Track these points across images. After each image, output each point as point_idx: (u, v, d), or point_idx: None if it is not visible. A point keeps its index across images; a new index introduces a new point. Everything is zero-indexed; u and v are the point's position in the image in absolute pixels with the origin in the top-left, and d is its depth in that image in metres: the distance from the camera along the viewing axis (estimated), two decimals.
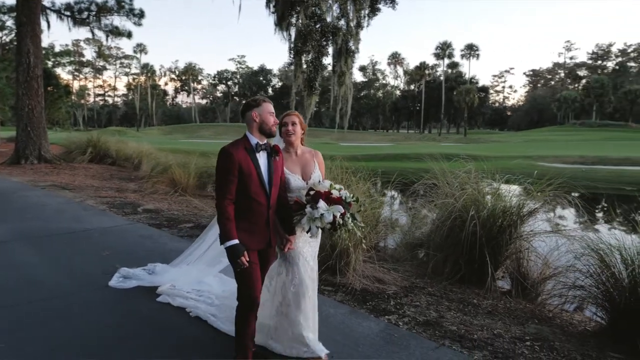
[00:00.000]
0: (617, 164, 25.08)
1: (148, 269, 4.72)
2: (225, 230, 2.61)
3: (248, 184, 2.68)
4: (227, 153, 2.65)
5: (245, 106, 2.83)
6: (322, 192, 2.81)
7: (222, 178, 2.65)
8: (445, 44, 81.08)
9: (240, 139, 2.80)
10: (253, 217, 2.74)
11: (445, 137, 70.55)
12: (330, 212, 2.74)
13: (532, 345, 3.51)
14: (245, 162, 2.68)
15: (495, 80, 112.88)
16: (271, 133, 2.80)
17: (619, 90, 76.12)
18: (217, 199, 2.67)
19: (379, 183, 6.45)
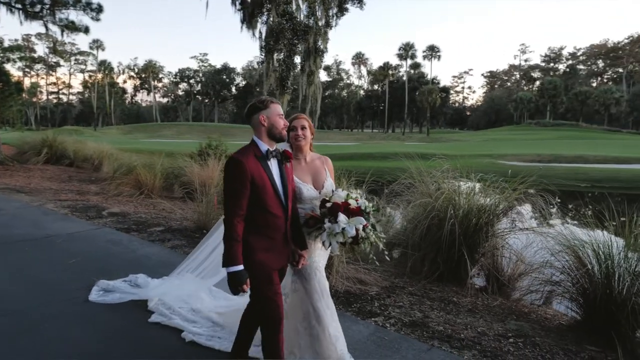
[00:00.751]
0: (571, 162, 26.27)
1: (129, 280, 4.40)
2: (232, 253, 2.34)
3: (262, 196, 2.41)
4: (237, 162, 2.36)
5: (251, 109, 2.56)
6: (340, 204, 2.56)
7: (233, 191, 2.36)
8: (408, 45, 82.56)
9: (248, 146, 2.51)
10: (271, 232, 2.47)
11: (409, 137, 71.88)
12: (352, 225, 2.50)
13: (516, 342, 3.57)
14: (258, 172, 2.41)
15: (455, 81, 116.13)
16: (282, 137, 2.55)
17: (570, 92, 80.00)
18: (226, 215, 2.37)
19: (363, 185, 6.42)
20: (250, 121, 2.58)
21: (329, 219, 2.54)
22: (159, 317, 3.64)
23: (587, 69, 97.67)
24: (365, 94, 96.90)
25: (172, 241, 6.26)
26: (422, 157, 7.84)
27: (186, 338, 3.32)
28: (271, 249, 2.47)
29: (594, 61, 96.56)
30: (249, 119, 2.58)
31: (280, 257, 2.53)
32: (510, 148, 35.48)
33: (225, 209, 2.39)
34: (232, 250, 2.34)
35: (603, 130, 68.75)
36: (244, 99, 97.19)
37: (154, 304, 3.82)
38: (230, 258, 2.34)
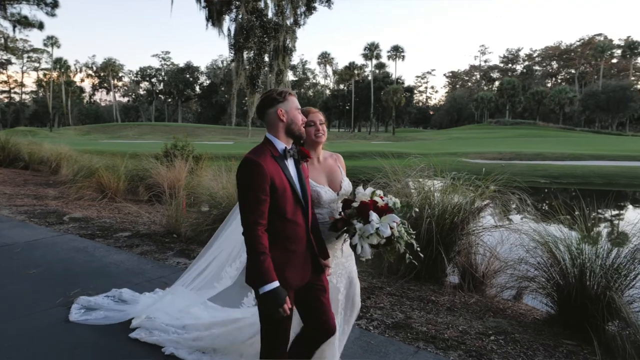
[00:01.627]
0: (531, 159, 27.26)
1: (112, 295, 4.03)
2: (262, 270, 1.97)
3: (282, 202, 2.09)
4: (254, 164, 2.03)
5: (267, 101, 2.20)
6: (368, 203, 2.30)
7: (251, 198, 2.02)
8: (372, 45, 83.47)
9: (264, 145, 2.17)
10: (291, 243, 2.13)
11: (375, 136, 72.70)
12: (386, 223, 2.23)
13: (497, 340, 3.60)
14: (277, 175, 2.08)
15: (418, 81, 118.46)
16: (301, 135, 2.25)
17: (528, 92, 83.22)
18: (246, 226, 2.02)
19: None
20: (264, 116, 2.23)
21: (357, 220, 2.27)
22: (140, 333, 3.33)
23: (543, 69, 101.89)
24: (331, 94, 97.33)
25: (140, 247, 5.99)
26: (394, 156, 7.87)
27: (165, 352, 3.10)
28: (292, 264, 2.14)
29: (549, 62, 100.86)
30: (263, 113, 2.23)
31: (302, 272, 2.19)
32: (473, 146, 36.46)
33: (244, 220, 2.03)
34: (263, 265, 1.98)
35: (558, 128, 71.94)
36: (208, 98, 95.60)
37: (138, 322, 3.48)
38: (261, 275, 1.97)
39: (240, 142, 51.23)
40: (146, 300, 3.83)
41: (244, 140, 55.58)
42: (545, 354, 3.40)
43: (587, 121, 79.64)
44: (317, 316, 2.25)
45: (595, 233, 4.57)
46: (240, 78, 15.45)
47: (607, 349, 3.57)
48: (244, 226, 2.04)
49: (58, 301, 3.97)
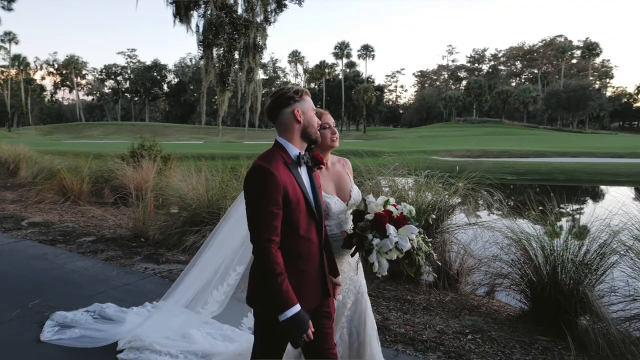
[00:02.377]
0: (498, 156, 27.98)
1: (93, 311, 3.56)
2: (282, 293, 1.75)
3: (295, 216, 1.84)
4: (266, 173, 1.77)
5: (281, 100, 1.93)
6: (384, 214, 2.06)
7: (262, 211, 1.77)
8: (343, 44, 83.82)
9: (275, 150, 1.91)
10: (304, 262, 1.89)
11: (347, 134, 73.02)
12: (404, 236, 2.01)
13: (474, 339, 3.58)
14: (291, 185, 1.83)
15: (388, 80, 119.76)
16: (317, 139, 1.99)
17: (493, 91, 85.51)
18: (257, 243, 1.78)
19: None
20: (277, 117, 1.95)
21: (373, 234, 2.03)
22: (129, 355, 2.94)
23: (507, 69, 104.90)
24: None
25: (105, 252, 5.71)
26: (367, 154, 7.84)
27: None
28: (304, 285, 1.89)
29: (513, 62, 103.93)
30: (275, 113, 1.94)
31: (314, 294, 1.95)
32: (443, 144, 37.14)
33: (256, 238, 1.78)
34: (282, 288, 1.74)
35: (523, 126, 74.26)
36: (177, 97, 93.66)
37: (124, 343, 3.06)
38: (282, 299, 1.74)
39: (210, 142, 50.42)
40: (134, 318, 3.38)
41: (214, 140, 54.76)
42: (522, 352, 3.41)
43: (550, 119, 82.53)
44: (318, 346, 1.99)
45: (566, 229, 4.64)
46: (209, 76, 15.11)
47: (580, 343, 3.61)
48: (255, 244, 1.79)
49: (15, 314, 3.70)
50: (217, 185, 6.27)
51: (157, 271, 5.00)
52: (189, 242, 5.53)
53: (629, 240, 4.08)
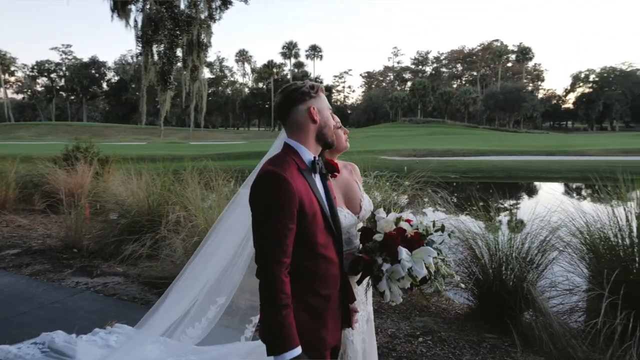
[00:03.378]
0: (442, 155, 28.95)
1: (42, 342, 3.04)
2: (282, 329, 1.44)
3: (312, 231, 1.55)
4: (279, 179, 1.49)
5: (295, 96, 1.67)
6: (395, 234, 1.74)
7: (273, 226, 1.47)
8: (291, 44, 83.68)
9: (286, 154, 1.63)
10: (324, 287, 1.59)
11: None
12: (420, 260, 1.69)
13: (425, 341, 3.57)
14: (307, 195, 1.55)
15: (336, 81, 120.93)
16: (333, 142, 1.75)
17: (437, 92, 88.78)
18: (262, 264, 1.47)
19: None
20: (288, 115, 1.68)
21: (382, 258, 1.72)
22: None
23: (449, 71, 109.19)
24: (250, 92, 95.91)
25: (32, 266, 5.20)
26: None
27: None
28: (329, 316, 1.60)
29: (454, 65, 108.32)
30: (287, 111, 1.68)
31: (338, 325, 1.66)
32: (389, 144, 37.94)
33: (263, 258, 1.48)
34: (284, 324, 1.43)
35: (464, 126, 77.58)
36: (117, 95, 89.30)
37: None
38: (280, 338, 1.44)
39: (154, 143, 48.42)
40: (90, 349, 2.90)
41: (158, 141, 52.71)
42: (472, 352, 3.42)
43: (489, 119, 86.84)
44: None
45: (509, 227, 4.78)
46: (149, 74, 14.42)
47: (525, 339, 3.70)
48: (261, 266, 1.47)
49: None
50: (158, 190, 5.92)
51: (91, 285, 4.61)
52: (128, 252, 5.16)
53: (567, 236, 4.25)
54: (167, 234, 4.87)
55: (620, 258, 3.84)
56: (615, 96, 74.43)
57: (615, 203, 4.16)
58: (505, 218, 9.32)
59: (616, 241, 3.91)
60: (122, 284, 4.66)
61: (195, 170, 5.77)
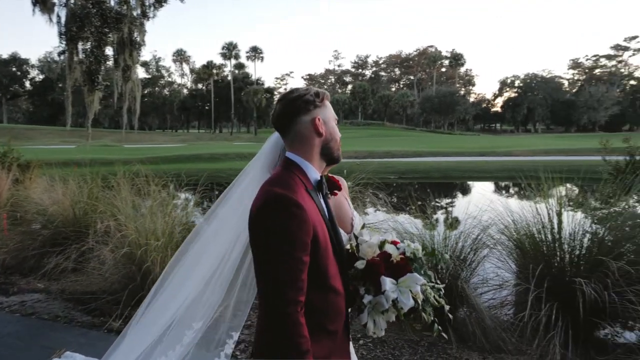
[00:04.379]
0: (382, 157, 29.73)
1: None
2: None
3: (323, 263, 1.35)
4: (291, 205, 1.28)
5: (297, 104, 1.48)
6: (378, 261, 1.54)
7: (287, 260, 1.26)
8: (231, 45, 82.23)
9: (291, 172, 1.42)
10: (331, 322, 1.40)
11: (237, 137, 71.75)
12: (406, 290, 1.49)
13: (366, 343, 3.59)
14: (319, 222, 1.36)
15: (278, 83, 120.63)
16: (339, 158, 1.56)
17: (376, 95, 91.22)
18: (280, 308, 1.25)
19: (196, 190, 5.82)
20: (289, 127, 1.49)
21: (365, 288, 1.52)
22: None
23: (388, 75, 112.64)
24: (189, 93, 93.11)
25: None
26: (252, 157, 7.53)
27: None
28: (335, 355, 1.42)
29: (392, 69, 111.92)
30: (287, 122, 1.49)
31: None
32: None
33: (277, 298, 1.26)
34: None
35: (402, 128, 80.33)
36: (42, 95, 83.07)
37: None
38: None
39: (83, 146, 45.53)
40: None
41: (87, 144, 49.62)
42: (410, 352, 3.49)
43: (425, 122, 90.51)
44: None
45: (444, 227, 4.95)
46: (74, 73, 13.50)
47: (460, 335, 3.83)
48: (274, 308, 1.25)
49: None
50: (85, 198, 5.53)
51: (6, 305, 4.19)
52: (50, 265, 4.75)
53: (497, 234, 4.47)
54: (94, 245, 4.55)
55: (543, 253, 4.10)
56: (537, 100, 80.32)
57: (538, 200, 4.44)
58: (442, 217, 9.72)
59: (540, 237, 4.16)
60: (43, 301, 4.28)
61: (127, 176, 5.44)
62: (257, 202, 1.32)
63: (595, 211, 4.63)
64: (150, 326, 1.98)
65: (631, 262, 3.72)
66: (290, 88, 1.56)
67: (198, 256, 1.94)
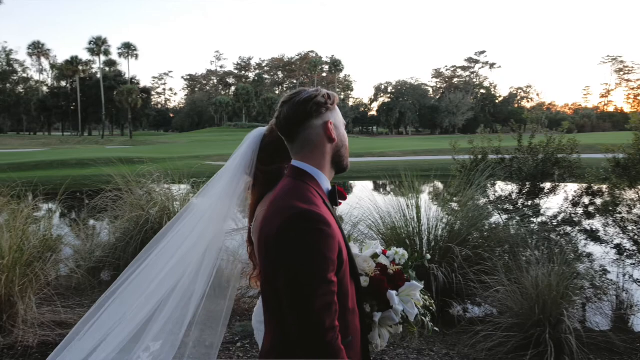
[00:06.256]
0: None
1: None
2: None
3: (346, 282, 1.26)
4: (319, 222, 1.17)
5: (308, 106, 1.34)
6: (382, 277, 1.51)
7: (320, 284, 1.14)
8: (100, 40, 75.05)
9: (305, 184, 1.30)
10: (351, 347, 1.29)
11: (110, 140, 65.89)
12: (409, 299, 1.51)
13: (243, 345, 3.61)
14: (340, 236, 1.25)
15: (156, 82, 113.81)
16: (347, 166, 1.46)
17: (260, 97, 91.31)
18: (319, 337, 1.14)
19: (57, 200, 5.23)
20: (298, 132, 1.35)
21: (369, 304, 1.48)
22: None
23: (271, 78, 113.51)
24: (50, 92, 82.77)
25: None
26: (126, 162, 7.13)
27: None
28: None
29: (276, 72, 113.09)
30: (297, 127, 1.35)
31: None
32: (215, 149, 37.40)
33: (313, 327, 1.14)
34: None
35: None
36: None
37: None
38: None
39: None
40: None
41: None
42: None
43: None
44: None
45: None
46: None
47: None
48: (312, 338, 1.13)
49: None
50: None
51: None
52: None
53: (365, 229, 4.84)
54: None
55: (405, 244, 4.55)
56: (407, 106, 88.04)
57: (400, 196, 4.92)
58: None
59: (402, 230, 4.61)
60: None
61: None
62: (277, 220, 1.19)
63: (447, 204, 5.29)
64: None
65: (478, 246, 4.33)
66: (297, 89, 1.45)
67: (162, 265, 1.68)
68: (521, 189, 5.97)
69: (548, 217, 5.89)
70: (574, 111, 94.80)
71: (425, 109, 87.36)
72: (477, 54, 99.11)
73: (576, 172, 5.74)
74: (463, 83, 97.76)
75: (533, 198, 6.03)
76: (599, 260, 5.22)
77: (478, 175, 5.23)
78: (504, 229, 5.38)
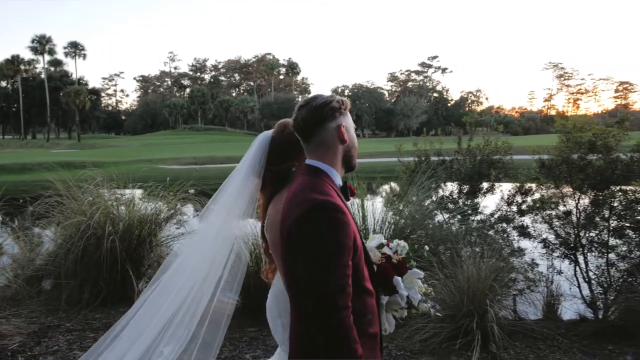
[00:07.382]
0: (224, 162, 29.51)
1: None
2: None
3: (361, 265, 1.44)
4: (336, 211, 1.34)
5: (325, 111, 1.50)
6: (388, 266, 1.66)
7: (336, 268, 1.31)
8: (43, 38, 71.33)
9: (321, 179, 1.46)
10: (371, 325, 1.46)
11: (56, 143, 62.71)
12: (413, 286, 1.67)
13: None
14: (354, 224, 1.43)
15: (106, 83, 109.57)
16: (355, 165, 1.61)
17: (216, 100, 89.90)
18: (331, 315, 1.29)
19: None
20: (313, 134, 1.51)
21: (385, 292, 1.65)
22: None
23: (227, 80, 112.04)
24: None
25: None
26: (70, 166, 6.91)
27: None
28: (373, 351, 1.47)
29: (232, 74, 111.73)
30: (313, 129, 1.51)
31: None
32: (169, 152, 36.55)
33: (328, 307, 1.29)
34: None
35: (244, 133, 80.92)
36: None
37: None
38: None
39: None
40: None
41: None
42: (231, 348, 3.66)
43: (266, 127, 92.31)
44: None
45: None
46: None
47: None
48: (326, 317, 1.28)
49: None
50: None
51: None
52: None
53: None
54: None
55: None
56: (364, 109, 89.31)
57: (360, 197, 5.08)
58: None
59: None
60: None
61: None
62: (296, 212, 1.36)
63: (392, 204, 5.52)
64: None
65: (422, 244, 4.54)
66: (312, 94, 1.64)
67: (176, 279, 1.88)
68: (461, 188, 6.30)
69: (486, 215, 6.25)
70: (520, 114, 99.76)
71: (381, 112, 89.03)
72: (429, 59, 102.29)
73: (510, 173, 6.13)
74: (417, 87, 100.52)
75: (472, 197, 6.38)
76: (529, 254, 5.61)
77: (420, 176, 5.49)
78: (446, 227, 5.68)
